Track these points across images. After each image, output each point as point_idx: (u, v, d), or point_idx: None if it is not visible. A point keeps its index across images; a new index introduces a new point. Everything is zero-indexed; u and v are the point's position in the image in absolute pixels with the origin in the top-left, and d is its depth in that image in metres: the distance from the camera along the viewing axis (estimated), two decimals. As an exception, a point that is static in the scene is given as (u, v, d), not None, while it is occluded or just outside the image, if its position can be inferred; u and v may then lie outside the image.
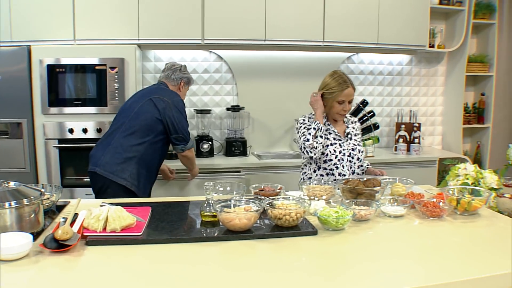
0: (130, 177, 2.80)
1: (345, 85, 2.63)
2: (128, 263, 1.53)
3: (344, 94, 2.63)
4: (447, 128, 4.67)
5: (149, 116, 2.89)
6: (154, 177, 3.07)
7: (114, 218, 1.72)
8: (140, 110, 2.91)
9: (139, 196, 2.82)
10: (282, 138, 4.37)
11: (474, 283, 1.44)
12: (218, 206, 1.83)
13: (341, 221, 1.85)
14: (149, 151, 2.90)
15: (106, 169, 2.78)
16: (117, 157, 2.81)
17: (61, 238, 1.58)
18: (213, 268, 1.52)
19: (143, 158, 2.87)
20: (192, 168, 3.28)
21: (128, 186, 2.79)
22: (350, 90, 2.64)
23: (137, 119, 2.89)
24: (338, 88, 2.63)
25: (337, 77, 2.67)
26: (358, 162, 2.73)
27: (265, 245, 1.71)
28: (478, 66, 4.39)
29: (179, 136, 2.94)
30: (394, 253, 1.68)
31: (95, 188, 2.87)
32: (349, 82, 2.66)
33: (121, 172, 2.79)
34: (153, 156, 2.95)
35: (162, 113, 2.90)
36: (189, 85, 3.26)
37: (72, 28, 3.48)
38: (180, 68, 3.19)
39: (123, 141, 2.85)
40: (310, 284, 1.39)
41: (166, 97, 2.96)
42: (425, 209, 2.07)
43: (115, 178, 2.77)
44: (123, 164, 2.80)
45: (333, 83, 2.65)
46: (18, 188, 1.75)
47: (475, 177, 2.45)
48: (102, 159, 2.82)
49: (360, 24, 4.00)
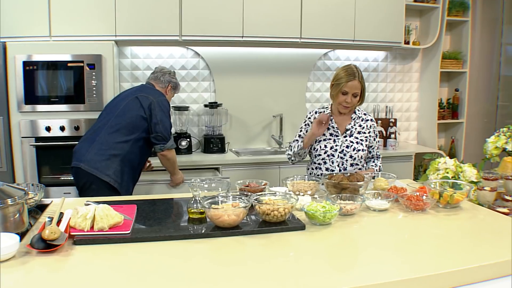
0: (114, 174, 2.79)
1: (351, 76, 2.64)
2: (118, 262, 1.51)
3: (348, 85, 2.65)
4: (422, 124, 4.76)
5: (135, 114, 2.90)
6: (137, 176, 3.06)
7: (101, 216, 1.69)
8: (126, 108, 2.92)
9: (121, 194, 2.81)
10: (260, 135, 4.38)
11: (461, 273, 1.48)
12: (206, 202, 1.81)
13: (328, 215, 1.86)
14: (134, 149, 2.90)
15: (91, 165, 2.77)
16: (102, 153, 2.80)
17: (49, 238, 1.54)
18: (204, 264, 1.51)
19: (127, 156, 2.87)
20: (173, 173, 3.23)
21: (111, 183, 2.78)
22: (355, 83, 2.65)
23: (122, 117, 2.90)
24: (344, 79, 2.65)
25: (347, 68, 2.69)
26: (351, 159, 2.73)
27: (254, 241, 1.71)
28: (452, 63, 4.49)
29: (158, 135, 2.93)
30: (380, 245, 1.70)
31: (79, 184, 2.84)
32: (358, 75, 2.65)
33: (105, 169, 2.78)
34: (137, 155, 2.94)
35: (147, 111, 2.91)
36: (175, 90, 3.27)
37: (48, 24, 3.41)
38: (170, 73, 3.23)
39: (109, 138, 2.85)
40: (300, 277, 1.40)
41: (152, 95, 2.98)
42: (408, 202, 2.11)
43: (99, 174, 2.76)
44: (108, 161, 2.79)
45: (342, 74, 2.68)
46: (1, 188, 1.70)
47: (455, 171, 2.51)
48: (86, 155, 2.80)
49: (337, 21, 4.04)
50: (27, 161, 3.32)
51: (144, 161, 3.12)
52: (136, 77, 4.00)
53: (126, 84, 3.94)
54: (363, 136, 2.78)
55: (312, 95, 4.48)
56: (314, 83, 4.47)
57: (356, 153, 2.72)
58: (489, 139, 2.74)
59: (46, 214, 1.95)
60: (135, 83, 3.97)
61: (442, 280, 1.45)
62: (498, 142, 2.73)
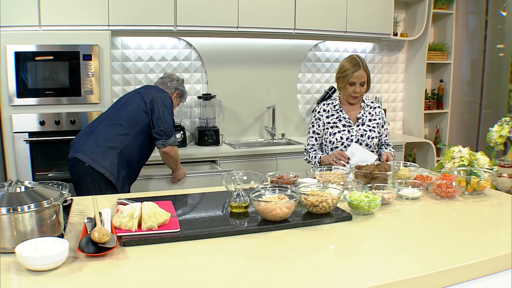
0: (110, 167, 2.69)
1: (357, 66, 2.67)
2: (176, 263, 1.44)
3: (355, 76, 2.67)
4: (408, 114, 4.86)
5: (136, 107, 2.82)
6: (134, 175, 2.96)
7: (149, 215, 1.60)
8: (127, 102, 2.85)
9: (118, 190, 2.71)
10: (252, 126, 4.34)
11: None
12: (253, 196, 1.76)
13: (372, 205, 1.86)
14: (133, 144, 2.81)
15: (87, 155, 2.68)
16: (99, 144, 2.71)
17: (101, 241, 1.43)
18: (265, 260, 1.46)
19: (126, 150, 2.77)
20: (175, 169, 3.14)
21: (106, 175, 2.68)
22: (361, 73, 2.67)
23: (123, 110, 2.82)
24: (350, 70, 2.67)
25: (351, 59, 2.72)
26: (367, 148, 2.76)
27: (307, 233, 1.68)
28: (437, 54, 4.59)
29: (160, 130, 2.83)
30: (433, 233, 1.71)
31: (75, 177, 2.73)
32: (362, 65, 2.69)
33: (102, 160, 2.68)
34: (136, 150, 2.85)
35: (149, 105, 2.82)
36: (181, 99, 3.20)
37: (37, 13, 3.21)
38: (178, 80, 3.16)
39: (108, 130, 2.76)
40: (369, 267, 1.39)
41: (155, 91, 2.91)
42: (439, 190, 2.14)
43: (95, 164, 2.66)
44: (105, 152, 2.70)
45: (347, 65, 2.70)
46: (34, 189, 1.57)
47: (469, 159, 2.57)
48: (83, 145, 2.71)
49: (330, 12, 4.04)
50: (20, 157, 3.13)
51: (144, 160, 3.01)
52: (127, 68, 3.85)
53: (116, 76, 3.79)
54: (374, 123, 2.81)
55: (303, 86, 4.47)
56: (305, 74, 4.46)
57: (371, 141, 2.75)
58: (493, 128, 2.80)
59: (76, 215, 1.83)
60: (126, 74, 3.84)
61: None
62: (502, 131, 2.80)
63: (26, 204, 1.47)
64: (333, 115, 2.77)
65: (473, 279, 1.44)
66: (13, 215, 1.44)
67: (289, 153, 3.88)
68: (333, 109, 2.78)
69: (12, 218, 1.44)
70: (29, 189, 1.56)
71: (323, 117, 2.77)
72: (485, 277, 1.46)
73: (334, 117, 2.76)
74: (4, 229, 1.44)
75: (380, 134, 2.84)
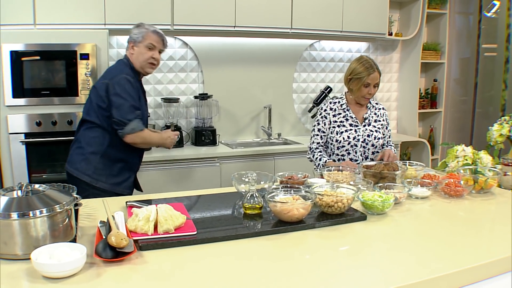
0: (95, 174, 2.57)
1: (371, 69, 2.68)
2: (197, 266, 1.41)
3: (370, 78, 2.68)
4: (402, 113, 4.88)
5: (95, 105, 2.61)
6: (131, 165, 2.75)
7: (165, 218, 1.57)
8: (88, 100, 2.67)
9: (110, 194, 2.52)
10: (248, 126, 4.31)
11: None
12: (269, 197, 1.73)
13: (386, 205, 1.86)
14: (112, 142, 2.62)
15: (73, 165, 2.60)
16: (83, 152, 2.60)
17: (120, 246, 1.40)
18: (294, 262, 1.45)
19: (107, 151, 2.61)
20: (155, 146, 2.91)
21: (93, 184, 2.56)
22: (376, 74, 2.69)
23: (91, 109, 2.63)
24: (365, 73, 2.67)
25: (364, 61, 2.71)
26: (373, 148, 2.77)
27: (326, 234, 1.68)
28: (431, 54, 4.62)
29: (114, 120, 2.55)
30: (449, 232, 1.72)
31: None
32: (375, 66, 2.70)
33: (85, 168, 2.57)
34: (118, 148, 2.64)
35: (105, 98, 2.58)
36: (140, 43, 2.66)
37: (32, 11, 3.13)
38: (132, 29, 2.76)
39: (86, 133, 2.63)
40: (392, 268, 1.38)
41: (108, 77, 2.63)
42: (448, 189, 2.14)
43: (80, 175, 2.57)
44: (87, 160, 2.59)
45: (360, 68, 2.69)
46: (46, 192, 1.52)
47: (473, 158, 2.58)
48: (71, 155, 2.63)
49: (326, 12, 4.04)
50: (16, 159, 3.06)
51: (135, 155, 2.76)
52: (122, 68, 3.77)
53: (112, 76, 3.72)
54: (379, 124, 2.82)
55: (298, 86, 4.46)
56: (301, 74, 4.45)
57: (377, 141, 2.76)
58: (493, 128, 2.83)
59: (85, 218, 1.78)
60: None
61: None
62: (502, 130, 2.83)
63: (38, 208, 1.43)
64: (340, 114, 2.76)
65: (494, 276, 1.45)
66: (25, 220, 1.40)
67: (287, 152, 3.87)
68: (340, 108, 2.78)
69: (24, 223, 1.40)
70: (40, 193, 1.51)
71: (329, 115, 2.76)
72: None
73: (341, 116, 2.75)
74: (16, 235, 1.40)
75: (384, 135, 2.85)
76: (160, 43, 2.72)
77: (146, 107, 2.80)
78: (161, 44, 2.73)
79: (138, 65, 2.68)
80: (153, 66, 2.73)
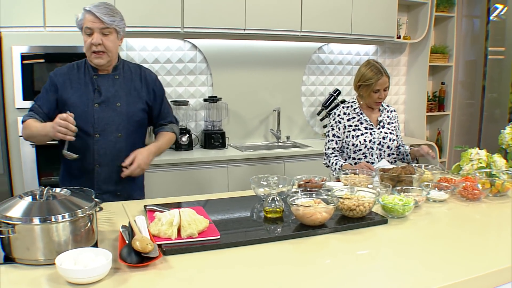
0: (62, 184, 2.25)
1: (380, 74, 2.68)
2: (223, 271, 1.39)
3: (379, 83, 2.68)
4: (410, 116, 4.88)
5: None
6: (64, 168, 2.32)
7: (189, 222, 1.56)
8: None
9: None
10: (257, 129, 4.31)
11: None
12: (290, 200, 1.72)
13: (407, 208, 1.85)
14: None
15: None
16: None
17: (145, 251, 1.38)
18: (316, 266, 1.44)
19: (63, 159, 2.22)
20: (41, 138, 2.16)
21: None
22: (385, 79, 2.69)
23: None
24: (374, 79, 2.67)
25: (372, 67, 2.71)
26: (389, 150, 2.77)
27: (344, 237, 1.66)
28: (438, 57, 4.62)
29: None
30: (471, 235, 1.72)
31: None
32: (383, 71, 2.70)
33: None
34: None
35: None
36: (82, 29, 2.16)
37: (42, 13, 3.13)
38: None
39: None
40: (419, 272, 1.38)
41: None
42: (465, 192, 2.14)
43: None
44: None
45: (369, 73, 2.69)
46: (67, 197, 1.51)
47: (487, 161, 2.57)
48: None
49: (335, 15, 4.04)
50: (26, 161, 3.04)
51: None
52: (131, 71, 3.77)
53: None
54: (392, 126, 2.83)
55: (307, 89, 4.46)
56: (309, 77, 4.44)
57: (392, 143, 2.77)
58: (505, 131, 2.81)
59: (104, 222, 1.77)
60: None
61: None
62: (515, 133, 2.82)
63: (60, 213, 1.41)
64: (354, 117, 2.76)
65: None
66: (47, 225, 1.39)
67: (296, 156, 3.86)
68: (353, 112, 2.77)
69: (46, 228, 1.38)
70: (62, 198, 1.50)
71: (343, 120, 2.76)
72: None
73: (355, 120, 2.75)
74: (37, 240, 1.38)
75: (398, 137, 2.85)
76: (96, 21, 2.08)
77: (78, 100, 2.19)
78: (97, 22, 2.08)
79: (87, 57, 2.21)
80: (98, 54, 2.12)
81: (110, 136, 2.21)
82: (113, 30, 2.14)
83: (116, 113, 2.22)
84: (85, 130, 2.16)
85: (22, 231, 1.37)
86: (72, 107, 2.14)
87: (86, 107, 2.17)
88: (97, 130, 2.19)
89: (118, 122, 2.22)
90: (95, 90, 2.20)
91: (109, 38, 2.13)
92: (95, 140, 2.19)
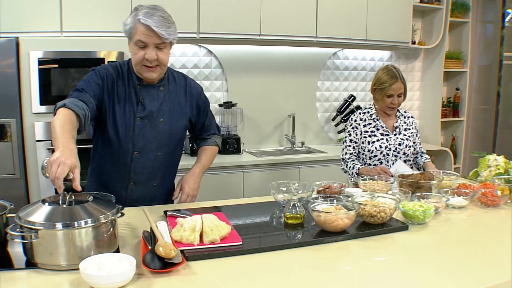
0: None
1: (394, 79, 2.67)
2: (247, 277, 1.39)
3: (392, 88, 2.67)
4: (424, 122, 4.85)
5: None
6: (94, 181, 2.26)
7: (211, 228, 1.55)
8: None
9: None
10: (272, 135, 4.31)
11: None
12: (312, 206, 1.72)
13: (427, 215, 1.84)
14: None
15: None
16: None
17: (169, 257, 1.38)
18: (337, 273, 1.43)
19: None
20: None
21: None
22: (399, 85, 2.67)
23: None
24: (388, 83, 2.67)
25: (388, 71, 2.71)
26: (405, 156, 2.76)
27: (366, 244, 1.65)
28: (453, 62, 4.60)
29: None
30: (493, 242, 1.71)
31: None
32: (399, 76, 2.69)
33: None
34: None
35: None
36: (131, 39, 1.95)
37: (59, 18, 3.17)
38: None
39: None
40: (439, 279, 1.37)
41: None
42: (485, 199, 2.13)
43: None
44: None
45: (384, 77, 2.69)
46: (90, 202, 1.52)
47: (505, 167, 2.55)
48: None
49: (351, 20, 4.04)
50: (42, 166, 3.04)
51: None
52: (147, 76, 3.80)
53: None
54: (409, 132, 2.81)
55: (321, 94, 4.45)
56: (324, 82, 4.44)
57: (408, 150, 2.75)
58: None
59: (124, 227, 1.77)
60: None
61: None
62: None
63: (82, 219, 1.41)
64: (370, 123, 2.75)
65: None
66: (70, 231, 1.39)
67: (311, 161, 3.85)
68: (369, 118, 2.76)
69: (69, 234, 1.39)
70: (84, 203, 1.51)
71: (360, 125, 2.75)
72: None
73: (372, 126, 2.74)
74: (60, 246, 1.38)
75: (415, 143, 2.83)
76: (152, 35, 1.89)
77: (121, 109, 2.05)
78: (154, 36, 1.89)
79: (134, 68, 2.02)
80: (150, 69, 1.96)
81: (149, 155, 2.07)
82: (168, 44, 1.97)
83: (158, 130, 2.07)
84: (125, 145, 2.04)
85: (45, 236, 1.37)
86: (114, 117, 2.01)
87: (128, 120, 2.02)
88: (137, 147, 2.05)
89: (159, 140, 2.08)
90: (138, 103, 2.03)
91: (164, 51, 1.95)
92: (134, 157, 2.06)
